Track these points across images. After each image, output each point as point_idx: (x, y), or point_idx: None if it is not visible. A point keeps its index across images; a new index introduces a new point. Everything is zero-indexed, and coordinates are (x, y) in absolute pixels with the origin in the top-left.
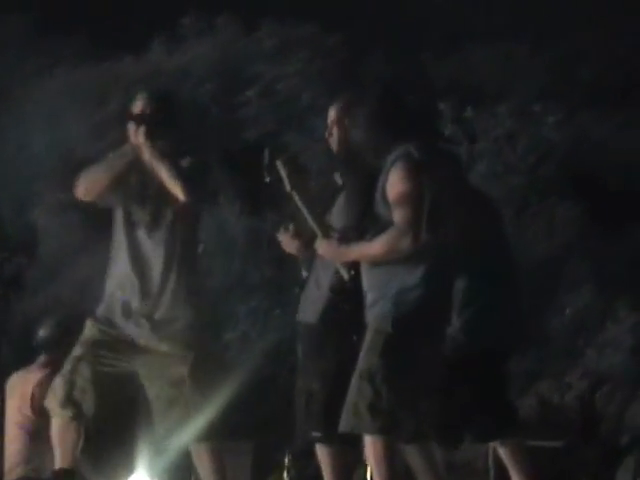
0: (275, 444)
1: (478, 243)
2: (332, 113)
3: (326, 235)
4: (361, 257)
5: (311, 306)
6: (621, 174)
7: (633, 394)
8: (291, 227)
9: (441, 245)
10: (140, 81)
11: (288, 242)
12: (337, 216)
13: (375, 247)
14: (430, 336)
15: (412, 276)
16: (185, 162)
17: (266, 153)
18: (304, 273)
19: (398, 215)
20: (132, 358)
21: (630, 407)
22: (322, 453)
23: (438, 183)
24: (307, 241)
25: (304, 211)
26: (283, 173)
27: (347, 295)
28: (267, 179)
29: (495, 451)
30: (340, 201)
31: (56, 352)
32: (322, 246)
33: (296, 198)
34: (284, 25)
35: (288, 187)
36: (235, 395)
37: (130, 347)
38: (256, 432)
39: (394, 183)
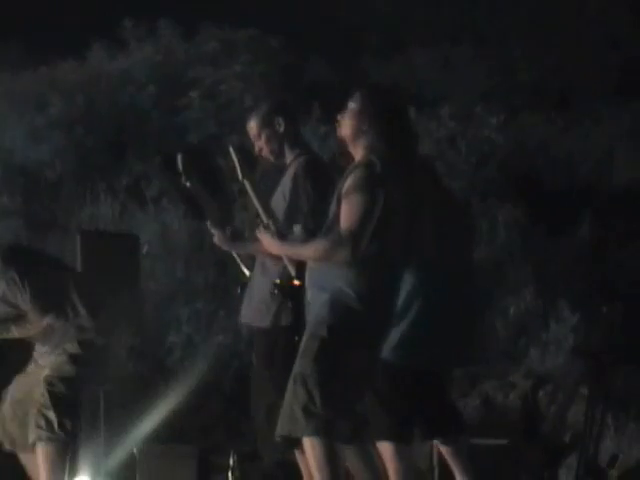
0: (220, 447)
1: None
2: (253, 126)
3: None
4: (297, 256)
5: (262, 310)
6: (561, 176)
7: (575, 394)
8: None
9: (386, 255)
10: (80, 85)
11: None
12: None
13: (311, 250)
14: (366, 343)
15: (352, 282)
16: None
17: (179, 159)
18: (246, 272)
19: (343, 223)
20: None
21: (572, 406)
22: (300, 459)
23: (396, 195)
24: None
25: (254, 200)
26: (235, 161)
27: (293, 292)
28: (187, 183)
29: (439, 451)
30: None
31: None
32: (264, 236)
33: (247, 187)
34: (224, 29)
35: (240, 175)
36: (179, 398)
37: None
38: (200, 435)
39: (349, 189)
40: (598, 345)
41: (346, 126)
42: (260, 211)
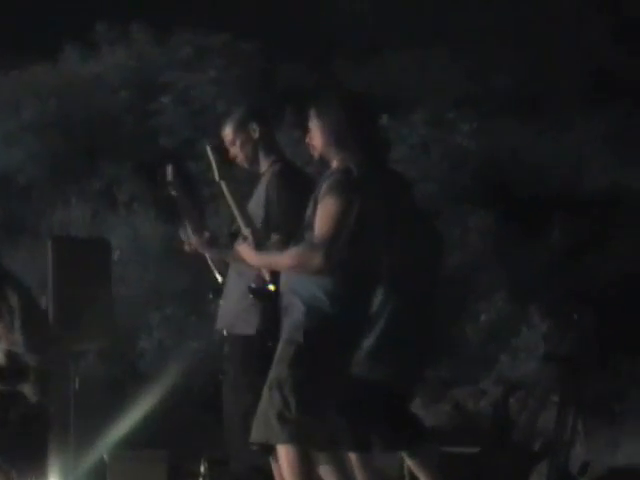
0: (190, 452)
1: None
2: (228, 132)
3: (249, 225)
4: (274, 266)
5: (241, 317)
6: (534, 182)
7: (546, 400)
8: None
9: (360, 262)
10: (53, 89)
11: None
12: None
13: (286, 260)
14: (340, 350)
15: (327, 288)
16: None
17: (169, 169)
18: (219, 277)
19: (317, 229)
20: None
21: (543, 413)
22: (275, 467)
23: (371, 203)
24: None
25: (230, 201)
26: (213, 161)
27: (267, 298)
28: (173, 193)
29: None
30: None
31: None
32: (242, 248)
33: (224, 187)
34: (197, 34)
35: (217, 176)
36: (150, 403)
37: None
38: (171, 440)
39: (324, 196)
40: (569, 351)
41: (317, 136)
42: (237, 215)
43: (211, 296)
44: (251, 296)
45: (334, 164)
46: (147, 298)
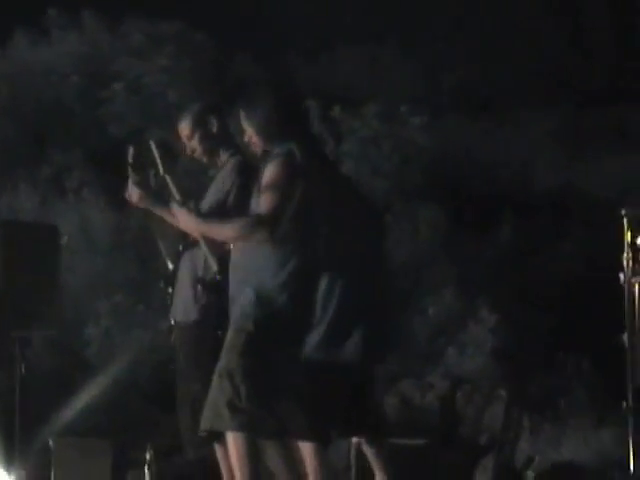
0: (136, 441)
1: (345, 254)
2: (185, 127)
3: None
4: (215, 234)
5: (185, 306)
6: (484, 179)
7: (492, 395)
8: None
9: (304, 248)
10: (2, 75)
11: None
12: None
13: (229, 229)
14: (290, 339)
15: (275, 276)
16: None
17: (131, 151)
18: (170, 265)
19: (262, 202)
20: None
21: (489, 408)
22: (219, 453)
23: (313, 185)
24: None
25: (175, 194)
26: (156, 156)
27: (215, 287)
28: (134, 175)
29: (357, 449)
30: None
31: None
32: (180, 212)
33: (168, 181)
34: (149, 21)
35: (161, 171)
36: (96, 392)
37: None
38: (117, 429)
39: (268, 174)
40: (516, 347)
41: (252, 135)
42: (178, 195)
43: (162, 284)
44: (199, 287)
45: (276, 150)
46: (95, 286)
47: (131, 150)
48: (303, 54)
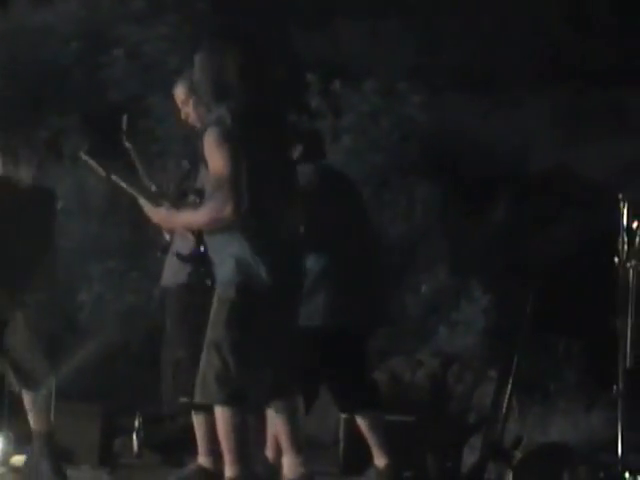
0: (125, 407)
1: (328, 225)
2: (180, 92)
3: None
4: (189, 224)
5: (173, 271)
6: (481, 158)
7: (482, 374)
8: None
9: (275, 217)
10: (2, 37)
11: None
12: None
13: (199, 216)
14: (273, 307)
15: (252, 247)
16: None
17: (124, 119)
18: (167, 237)
19: (217, 184)
20: None
21: (479, 387)
22: (196, 421)
23: (255, 150)
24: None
25: (129, 189)
26: (92, 164)
27: (198, 259)
28: (126, 144)
29: (346, 424)
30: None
31: None
32: (152, 212)
33: (116, 179)
34: None
35: (104, 174)
36: (87, 356)
37: None
38: (107, 394)
39: (210, 151)
40: (508, 328)
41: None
42: (140, 197)
43: (159, 254)
44: (178, 259)
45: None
46: (89, 250)
47: (125, 117)
48: (303, 26)
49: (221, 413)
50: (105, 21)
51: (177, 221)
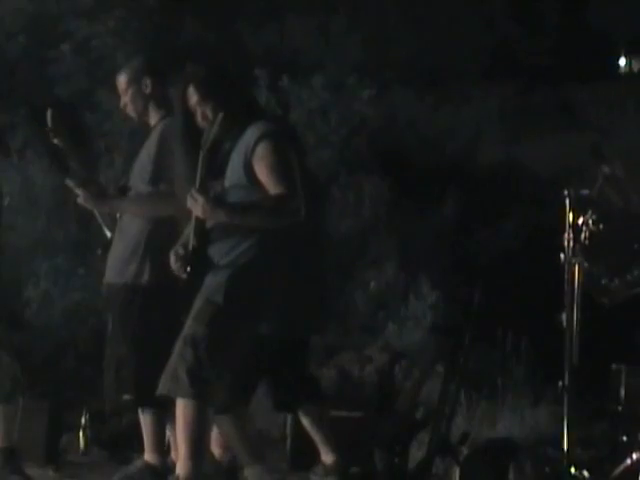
0: (71, 404)
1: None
2: (122, 81)
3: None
4: (252, 222)
5: (118, 269)
6: (429, 153)
7: (430, 370)
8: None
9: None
10: None
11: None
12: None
13: (267, 212)
14: (254, 314)
15: (245, 254)
16: None
17: (49, 114)
18: (108, 233)
19: (279, 183)
20: None
21: (427, 383)
22: (143, 418)
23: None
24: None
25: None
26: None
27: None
28: (54, 140)
29: (293, 420)
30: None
31: None
32: (198, 201)
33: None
34: None
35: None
36: (33, 353)
37: None
38: (53, 391)
39: (266, 156)
40: (455, 323)
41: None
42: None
43: (99, 252)
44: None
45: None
46: (35, 247)
47: (49, 113)
48: (252, 21)
49: (185, 407)
50: (52, 16)
51: (237, 218)
